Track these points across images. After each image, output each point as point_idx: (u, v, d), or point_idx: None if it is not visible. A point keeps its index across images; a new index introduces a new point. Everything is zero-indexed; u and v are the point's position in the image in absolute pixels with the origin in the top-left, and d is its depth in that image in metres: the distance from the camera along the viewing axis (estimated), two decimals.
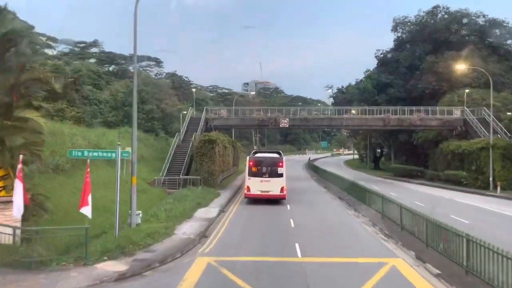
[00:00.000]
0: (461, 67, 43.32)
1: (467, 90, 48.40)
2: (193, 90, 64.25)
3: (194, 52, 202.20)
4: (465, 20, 61.65)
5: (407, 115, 45.55)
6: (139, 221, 16.78)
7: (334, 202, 29.13)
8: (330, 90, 74.98)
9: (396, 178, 51.63)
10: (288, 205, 26.26)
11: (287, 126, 46.47)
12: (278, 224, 20.19)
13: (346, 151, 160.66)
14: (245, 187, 27.12)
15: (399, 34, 67.26)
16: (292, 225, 19.73)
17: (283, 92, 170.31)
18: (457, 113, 45.83)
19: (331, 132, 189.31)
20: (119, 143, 15.17)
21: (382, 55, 66.90)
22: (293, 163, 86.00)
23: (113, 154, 14.94)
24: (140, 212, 17.12)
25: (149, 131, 50.06)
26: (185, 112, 47.50)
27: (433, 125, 45.74)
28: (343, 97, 69.76)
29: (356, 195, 27.38)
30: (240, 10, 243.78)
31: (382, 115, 45.72)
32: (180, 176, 33.67)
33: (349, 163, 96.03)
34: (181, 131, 42.02)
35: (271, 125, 46.62)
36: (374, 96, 61.28)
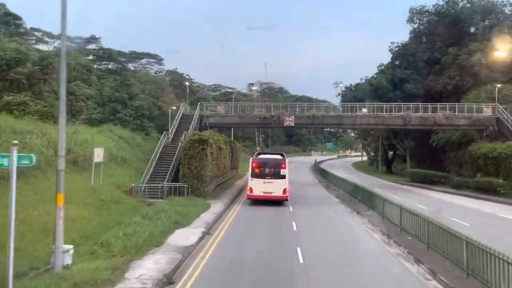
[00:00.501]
0: (501, 54, 37.29)
1: (498, 85, 42.41)
2: (187, 83, 58.11)
3: (198, 53, 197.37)
4: (490, 9, 55.57)
5: (430, 112, 39.67)
6: (69, 261, 11.08)
7: (351, 219, 23.13)
8: (339, 87, 68.82)
9: (413, 184, 45.71)
10: (294, 224, 20.56)
11: (292, 124, 40.73)
12: (281, 256, 14.45)
13: (353, 153, 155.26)
14: (248, 188, 27.19)
15: (416, 26, 61.35)
16: (301, 259, 13.97)
17: (288, 92, 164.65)
18: (487, 111, 39.89)
19: (336, 133, 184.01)
20: (15, 142, 9.32)
21: (397, 48, 60.99)
22: (298, 166, 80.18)
23: (6, 160, 9.08)
24: (71, 247, 11.36)
25: (138, 130, 44.47)
26: (174, 108, 41.87)
27: (461, 124, 39.78)
28: (353, 94, 63.87)
29: (380, 209, 21.59)
30: (244, 11, 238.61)
31: (402, 113, 39.88)
32: (165, 183, 28.05)
33: (358, 166, 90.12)
34: (170, 129, 36.41)
35: (274, 124, 40.91)
36: (388, 92, 55.45)
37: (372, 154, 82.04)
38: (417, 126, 40.54)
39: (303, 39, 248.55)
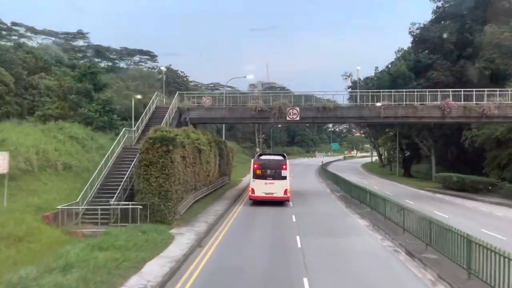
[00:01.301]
0: None
1: None
2: (163, 68, 48.54)
3: (199, 54, 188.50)
4: None
5: (474, 101, 30.53)
6: None
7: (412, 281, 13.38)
8: (349, 79, 59.65)
9: (448, 193, 36.48)
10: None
11: (297, 118, 31.67)
12: None
13: (359, 154, 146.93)
14: (250, 189, 27.66)
15: (440, 3, 52.07)
16: None
17: (291, 92, 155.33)
18: None
19: (341, 133, 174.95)
20: None
21: (418, 30, 51.75)
22: (303, 169, 71.15)
23: None
24: None
25: (106, 128, 35.55)
26: (138, 97, 32.89)
27: None
28: (366, 87, 54.58)
29: (460, 257, 12.22)
30: (247, 12, 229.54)
31: (439, 102, 30.79)
32: (111, 201, 18.95)
33: (369, 168, 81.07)
34: (136, 125, 27.41)
35: (274, 118, 31.84)
36: (410, 81, 46.33)
37: (386, 154, 73.08)
38: (460, 118, 31.37)
39: (306, 38, 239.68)
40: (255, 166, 27.44)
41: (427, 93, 31.49)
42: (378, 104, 31.18)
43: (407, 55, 49.81)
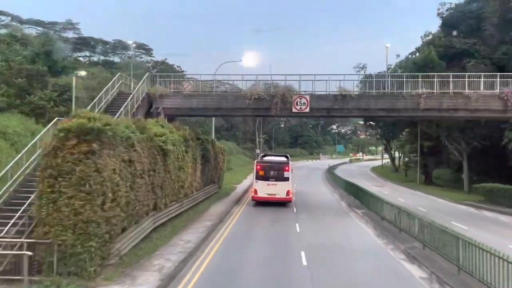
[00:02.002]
0: None
1: None
2: (129, 42, 39.78)
3: (203, 55, 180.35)
4: None
5: None
6: None
7: None
8: (363, 71, 51.54)
9: (498, 210, 28.29)
10: None
11: (306, 110, 23.63)
12: None
13: (366, 156, 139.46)
14: (253, 190, 27.45)
15: None
16: None
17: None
18: None
19: (345, 135, 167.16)
20: None
21: (448, 12, 43.54)
22: (308, 173, 62.88)
23: None
24: None
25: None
26: (82, 73, 24.91)
27: None
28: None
29: None
30: (250, 13, 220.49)
31: (498, 91, 22.73)
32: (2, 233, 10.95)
33: (381, 173, 72.88)
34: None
35: (276, 109, 23.74)
36: (441, 71, 37.93)
37: (403, 158, 64.92)
38: None
39: (310, 38, 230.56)
40: (258, 167, 27.32)
41: (482, 79, 23.38)
42: (417, 92, 23.09)
43: (437, 40, 41.66)
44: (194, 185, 22.60)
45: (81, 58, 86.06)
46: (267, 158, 29.75)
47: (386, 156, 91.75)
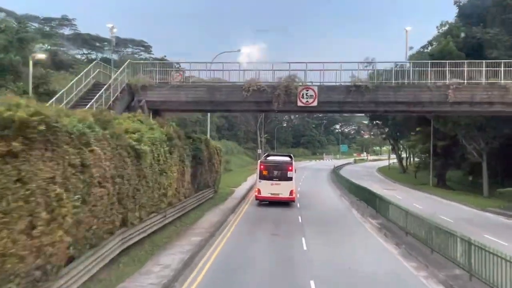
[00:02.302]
0: None
1: None
2: (109, 25, 35.60)
3: (203, 54, 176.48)
4: None
5: None
6: None
7: None
8: (372, 66, 47.54)
9: None
10: None
11: (314, 104, 20.18)
12: None
13: (370, 157, 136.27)
14: (256, 189, 27.72)
15: None
16: None
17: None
18: None
19: (349, 135, 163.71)
20: None
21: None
22: (312, 174, 59.17)
23: None
24: None
25: None
26: (41, 56, 21.52)
27: None
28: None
29: None
30: (252, 13, 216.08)
31: None
32: None
33: (388, 174, 69.30)
34: None
35: (278, 103, 20.27)
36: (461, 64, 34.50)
37: (414, 158, 61.38)
38: None
39: (314, 37, 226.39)
40: (262, 166, 27.50)
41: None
42: (444, 82, 19.59)
43: (455, 30, 38.07)
44: (181, 191, 19.15)
45: (78, 56, 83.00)
46: (270, 158, 29.97)
47: (392, 156, 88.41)
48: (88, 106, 16.24)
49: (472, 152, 40.20)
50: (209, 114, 36.81)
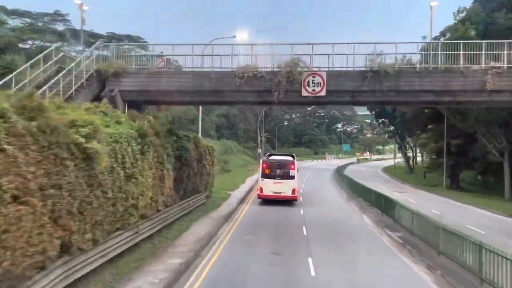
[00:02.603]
0: None
1: None
2: (77, 1, 31.66)
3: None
4: None
5: None
6: None
7: None
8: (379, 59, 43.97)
9: None
10: None
11: (322, 93, 16.66)
12: None
13: (374, 156, 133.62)
14: (258, 188, 27.84)
15: None
16: None
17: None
18: None
19: (351, 134, 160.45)
20: None
21: None
22: (315, 175, 55.54)
23: None
24: None
25: None
26: None
27: None
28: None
29: None
30: (252, 13, 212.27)
31: None
32: None
33: (394, 174, 65.84)
34: None
35: (278, 93, 16.73)
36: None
37: (425, 158, 57.85)
38: None
39: (317, 35, 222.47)
40: (264, 165, 27.66)
41: None
42: (480, 67, 16.10)
43: (474, 16, 34.50)
44: (160, 200, 15.64)
45: (73, 53, 79.68)
46: (273, 157, 30.05)
47: (397, 155, 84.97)
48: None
49: (492, 151, 36.62)
50: (200, 108, 33.06)
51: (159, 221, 15.92)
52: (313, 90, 16.61)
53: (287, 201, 26.81)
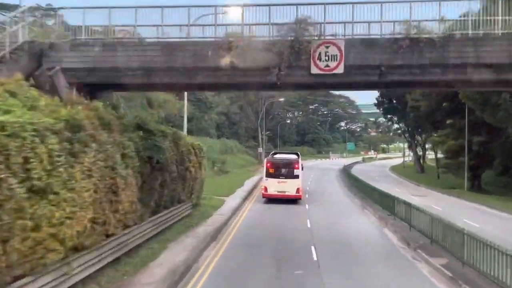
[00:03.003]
0: None
1: None
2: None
3: None
4: None
5: None
6: None
7: None
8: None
9: None
10: None
11: (338, 70, 12.02)
12: None
13: (379, 155, 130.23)
14: (263, 187, 27.93)
15: None
16: None
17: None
18: None
19: (355, 132, 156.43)
20: None
21: None
22: (320, 175, 50.72)
23: None
24: None
25: None
26: None
27: None
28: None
29: None
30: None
31: None
32: None
33: (405, 174, 61.32)
34: None
35: (278, 70, 12.10)
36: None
37: (440, 157, 53.19)
38: None
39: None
40: (268, 164, 27.68)
41: None
42: None
43: None
44: (112, 222, 11.07)
45: None
46: (277, 156, 30.09)
47: (406, 154, 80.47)
48: None
49: None
50: (185, 95, 27.81)
51: (111, 250, 11.30)
52: (327, 66, 11.97)
53: (291, 210, 24.54)
